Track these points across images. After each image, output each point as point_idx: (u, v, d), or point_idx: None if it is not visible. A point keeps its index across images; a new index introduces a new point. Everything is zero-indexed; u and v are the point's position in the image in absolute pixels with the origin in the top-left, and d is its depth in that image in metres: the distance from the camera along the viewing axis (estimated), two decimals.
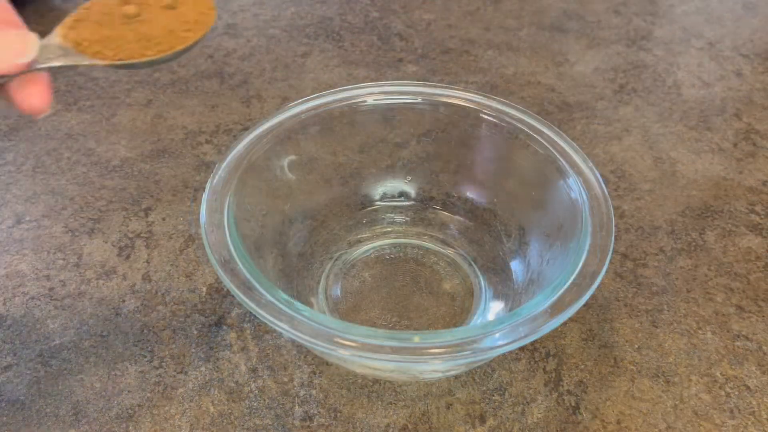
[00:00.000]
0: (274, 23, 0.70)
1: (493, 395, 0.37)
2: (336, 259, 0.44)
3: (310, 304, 0.40)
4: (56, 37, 0.31)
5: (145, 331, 0.40)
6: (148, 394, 0.37)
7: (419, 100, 0.43)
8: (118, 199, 0.49)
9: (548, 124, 0.41)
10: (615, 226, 0.36)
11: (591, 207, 0.36)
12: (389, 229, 0.46)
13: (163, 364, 0.38)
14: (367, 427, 0.36)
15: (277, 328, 0.30)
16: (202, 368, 0.38)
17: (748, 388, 0.38)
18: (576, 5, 0.74)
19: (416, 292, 0.42)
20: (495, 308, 0.41)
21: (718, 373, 0.38)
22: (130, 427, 0.35)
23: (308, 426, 0.36)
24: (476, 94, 0.43)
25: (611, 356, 0.39)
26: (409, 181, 0.46)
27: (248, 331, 0.40)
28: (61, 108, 0.58)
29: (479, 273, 0.43)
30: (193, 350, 0.39)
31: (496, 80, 0.62)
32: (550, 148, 0.40)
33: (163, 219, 0.47)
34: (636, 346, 0.40)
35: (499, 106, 0.42)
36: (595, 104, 0.59)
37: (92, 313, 0.41)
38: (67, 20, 0.31)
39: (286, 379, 0.38)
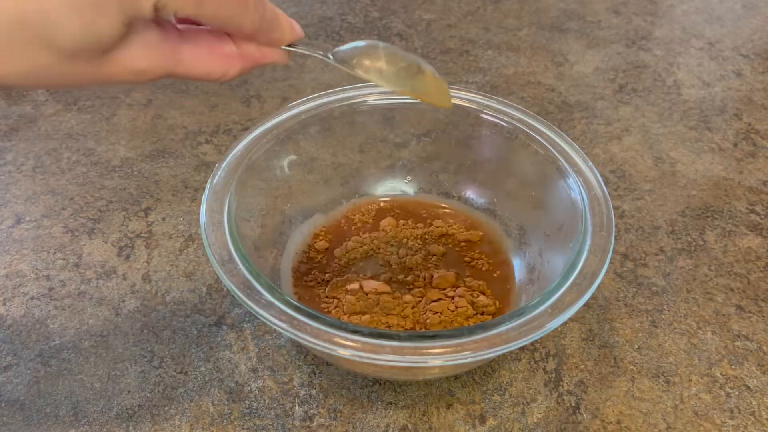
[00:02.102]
0: None
1: (493, 395, 0.37)
2: None
3: None
4: None
5: (145, 331, 0.40)
6: (148, 394, 0.37)
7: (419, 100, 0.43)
8: (118, 199, 0.49)
9: (548, 124, 0.41)
10: (615, 226, 0.35)
11: (591, 207, 0.36)
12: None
13: (163, 364, 0.38)
14: (367, 427, 0.36)
15: (277, 328, 0.30)
16: (202, 368, 0.38)
17: (748, 388, 0.38)
18: (576, 5, 0.74)
19: None
20: None
21: (718, 373, 0.38)
22: (130, 427, 0.35)
23: (308, 426, 0.36)
24: (476, 94, 0.43)
25: (611, 356, 0.39)
26: (409, 181, 0.46)
27: (248, 331, 0.40)
28: (61, 108, 0.58)
29: None
30: (193, 350, 0.39)
31: (496, 80, 0.62)
32: (550, 148, 0.40)
33: (163, 219, 0.47)
34: (636, 346, 0.40)
35: (499, 106, 0.42)
36: (595, 104, 0.59)
37: (92, 313, 0.41)
38: None
39: (286, 379, 0.38)
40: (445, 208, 0.45)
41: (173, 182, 0.50)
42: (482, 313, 0.38)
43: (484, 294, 0.39)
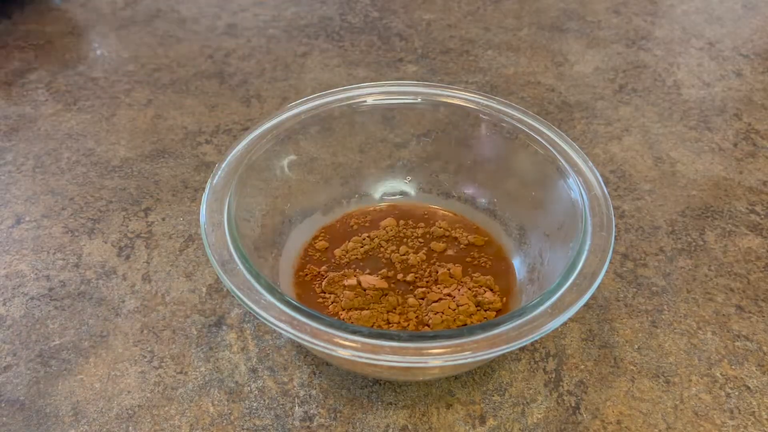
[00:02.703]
0: (274, 23, 0.70)
1: (493, 395, 0.37)
2: None
3: None
4: None
5: (145, 331, 0.40)
6: (148, 394, 0.37)
7: (419, 100, 0.43)
8: (118, 199, 0.49)
9: (548, 124, 0.41)
10: (615, 226, 0.36)
11: (591, 207, 0.36)
12: None
13: (163, 364, 0.38)
14: (367, 427, 0.36)
15: (277, 328, 0.30)
16: (202, 368, 0.38)
17: (748, 388, 0.38)
18: (576, 5, 0.74)
19: None
20: None
21: (718, 373, 0.38)
22: (130, 427, 0.35)
23: (308, 426, 0.36)
24: (476, 94, 0.43)
25: (611, 356, 0.39)
26: (409, 181, 0.46)
27: (248, 331, 0.40)
28: (61, 108, 0.58)
29: None
30: (193, 350, 0.39)
31: (496, 80, 0.62)
32: (550, 148, 0.40)
33: (163, 219, 0.47)
34: (636, 346, 0.40)
35: (499, 106, 0.42)
36: (595, 104, 0.59)
37: (92, 313, 0.41)
38: None
39: (286, 379, 0.38)
40: (445, 212, 0.45)
41: (173, 182, 0.50)
42: (486, 310, 0.38)
43: (491, 290, 0.39)
